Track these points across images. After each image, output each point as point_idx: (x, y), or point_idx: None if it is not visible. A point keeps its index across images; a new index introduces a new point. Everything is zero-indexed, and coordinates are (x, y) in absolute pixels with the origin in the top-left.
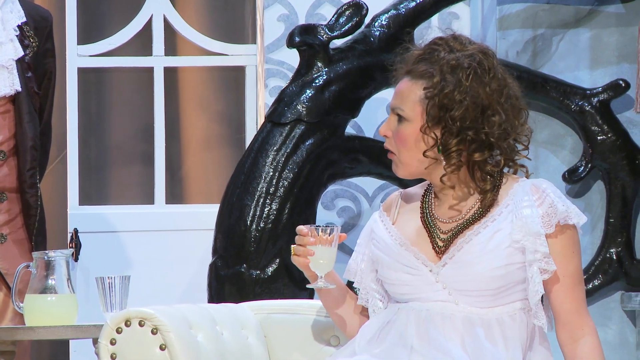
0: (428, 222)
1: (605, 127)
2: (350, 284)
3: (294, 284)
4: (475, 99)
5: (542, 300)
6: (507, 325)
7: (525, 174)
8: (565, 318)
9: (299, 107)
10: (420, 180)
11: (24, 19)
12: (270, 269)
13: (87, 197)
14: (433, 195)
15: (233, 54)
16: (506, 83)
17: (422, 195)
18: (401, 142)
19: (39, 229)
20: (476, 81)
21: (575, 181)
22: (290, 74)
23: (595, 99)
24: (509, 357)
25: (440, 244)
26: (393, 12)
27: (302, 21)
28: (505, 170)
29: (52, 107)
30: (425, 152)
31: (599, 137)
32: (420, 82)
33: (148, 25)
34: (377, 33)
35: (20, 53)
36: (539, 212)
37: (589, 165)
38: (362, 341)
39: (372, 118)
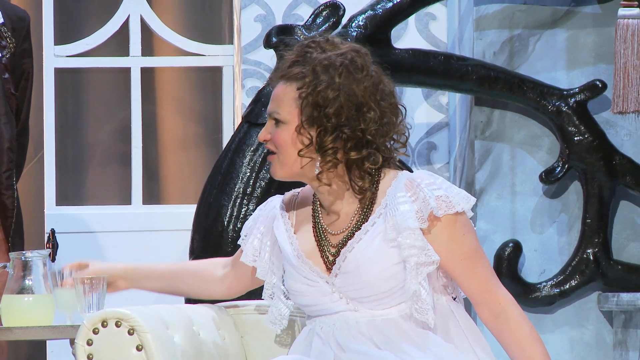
0: (319, 234)
1: (582, 128)
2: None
3: None
4: (349, 96)
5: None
6: (414, 319)
7: (404, 168)
8: (478, 298)
9: None
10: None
11: (1, 20)
12: None
13: (64, 197)
14: (319, 204)
15: (210, 55)
16: (380, 80)
17: (312, 203)
18: (279, 144)
19: (15, 230)
20: (349, 78)
21: (552, 182)
22: (267, 75)
23: (572, 100)
24: (428, 346)
25: (330, 257)
26: (370, 12)
27: (279, 22)
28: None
29: (29, 108)
30: (301, 151)
31: (575, 138)
32: (294, 84)
33: (125, 26)
34: (354, 34)
35: None
36: (414, 207)
37: (566, 165)
38: None
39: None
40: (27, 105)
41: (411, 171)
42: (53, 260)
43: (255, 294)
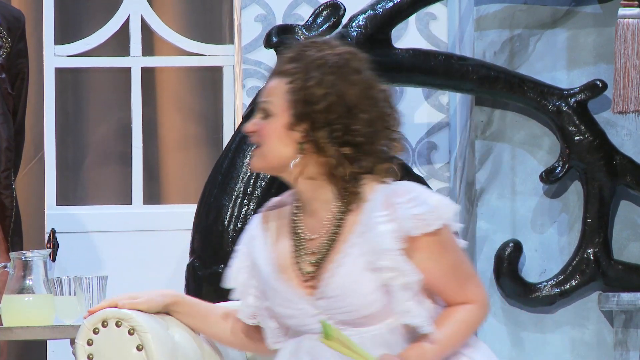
0: (296, 239)
1: (583, 128)
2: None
3: None
4: (340, 96)
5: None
6: (400, 332)
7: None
8: (453, 303)
9: None
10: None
11: None
12: None
13: (65, 197)
14: (299, 209)
15: (210, 54)
16: (373, 86)
17: (292, 213)
18: (266, 136)
19: (14, 229)
20: (341, 78)
21: (552, 181)
22: (268, 75)
23: (573, 100)
24: None
25: (309, 269)
26: (370, 12)
27: (279, 21)
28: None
29: (25, 108)
30: (288, 146)
31: (576, 138)
32: (286, 79)
33: (125, 26)
34: (355, 33)
35: None
36: (391, 227)
37: (566, 165)
38: None
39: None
40: (24, 105)
41: (411, 171)
42: (53, 260)
43: None
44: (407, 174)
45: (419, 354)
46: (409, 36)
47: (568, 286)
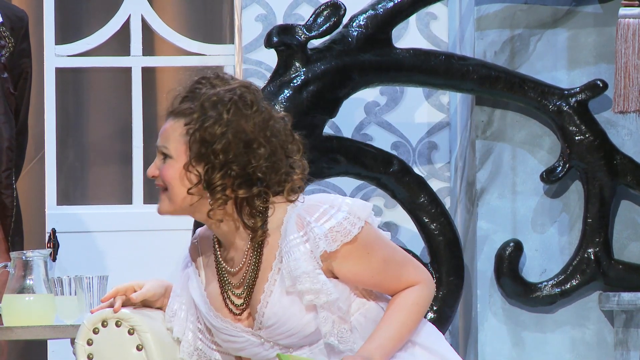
0: (221, 275)
1: (583, 127)
2: None
3: None
4: (238, 132)
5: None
6: (355, 333)
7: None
8: (396, 292)
9: (277, 107)
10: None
11: (0, 20)
12: None
13: (65, 197)
14: (218, 245)
15: (211, 54)
16: (271, 116)
17: (213, 242)
18: (167, 181)
19: (15, 229)
20: (237, 114)
21: (553, 181)
22: (268, 74)
23: (573, 99)
24: None
25: (238, 302)
26: (371, 12)
27: (280, 21)
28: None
29: (28, 108)
30: (190, 189)
31: (576, 137)
32: (183, 120)
33: (126, 25)
34: (355, 33)
35: None
36: (307, 248)
37: (567, 165)
38: None
39: (350, 118)
40: (26, 105)
41: (411, 171)
42: (54, 259)
43: None
44: (406, 174)
45: (378, 345)
46: (409, 36)
47: (568, 286)
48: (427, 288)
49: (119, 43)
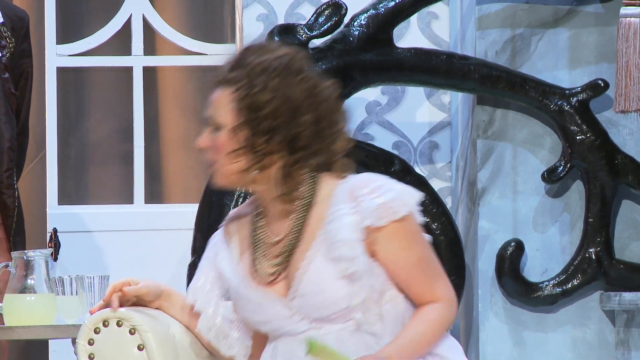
0: (260, 250)
1: (584, 127)
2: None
3: None
4: (284, 99)
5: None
6: (383, 323)
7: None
8: (422, 300)
9: None
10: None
11: (1, 20)
12: None
13: (66, 196)
14: (260, 216)
15: (212, 54)
16: (317, 84)
17: (252, 217)
18: (218, 150)
19: (17, 229)
20: (284, 81)
21: (554, 181)
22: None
23: (574, 99)
24: None
25: (274, 270)
26: (372, 11)
27: (281, 21)
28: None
29: (29, 108)
30: (235, 155)
31: (578, 137)
32: (230, 88)
33: (127, 25)
34: (356, 33)
35: None
36: (354, 219)
37: (568, 164)
38: None
39: (351, 118)
40: (27, 105)
41: (412, 170)
42: (55, 259)
43: None
44: (408, 174)
45: (396, 350)
46: (410, 35)
47: (570, 286)
48: (451, 309)
49: (120, 42)
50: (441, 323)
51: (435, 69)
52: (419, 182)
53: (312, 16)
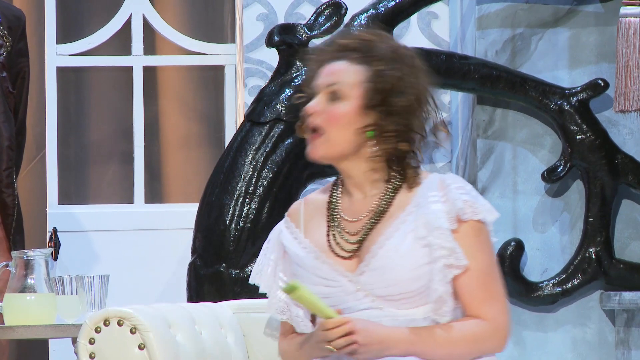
0: (333, 223)
1: (584, 127)
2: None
3: None
4: (417, 90)
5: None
6: (434, 322)
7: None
8: (473, 314)
9: (278, 106)
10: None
11: None
12: (249, 268)
13: (66, 196)
14: (342, 194)
15: (212, 53)
16: (431, 80)
17: (329, 197)
18: (334, 120)
19: (16, 228)
20: (415, 74)
21: (554, 180)
22: (270, 73)
23: (574, 99)
24: None
25: (350, 247)
26: (372, 11)
27: (281, 20)
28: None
29: (26, 107)
30: (357, 132)
31: (578, 137)
32: (363, 66)
33: (127, 25)
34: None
35: None
36: (444, 208)
37: (568, 164)
38: None
39: None
40: (24, 104)
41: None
42: (55, 259)
43: (257, 293)
44: None
45: (410, 339)
46: (410, 35)
47: (570, 285)
48: (496, 334)
49: (120, 42)
50: (476, 341)
51: (435, 68)
52: None
53: (312, 16)
